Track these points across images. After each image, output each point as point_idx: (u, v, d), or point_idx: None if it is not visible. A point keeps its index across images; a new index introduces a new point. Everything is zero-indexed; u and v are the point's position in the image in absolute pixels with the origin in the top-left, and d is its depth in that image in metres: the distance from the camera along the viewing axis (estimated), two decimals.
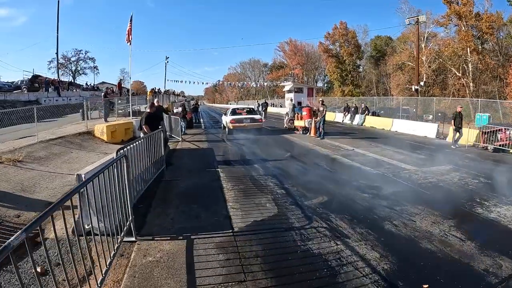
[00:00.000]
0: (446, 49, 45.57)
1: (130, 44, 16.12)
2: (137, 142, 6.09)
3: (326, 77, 63.18)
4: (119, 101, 20.85)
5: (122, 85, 23.47)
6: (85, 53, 56.46)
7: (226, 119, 16.13)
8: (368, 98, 40.84)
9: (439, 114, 27.38)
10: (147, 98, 21.88)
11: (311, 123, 15.57)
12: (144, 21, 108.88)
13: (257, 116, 16.39)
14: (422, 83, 28.14)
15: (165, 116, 14.45)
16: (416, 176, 7.66)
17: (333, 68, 53.19)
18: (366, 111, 24.26)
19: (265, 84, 60.91)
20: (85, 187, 2.98)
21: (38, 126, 11.60)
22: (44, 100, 26.80)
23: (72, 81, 37.73)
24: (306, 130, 16.10)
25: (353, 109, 25.24)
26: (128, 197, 4.03)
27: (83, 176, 3.95)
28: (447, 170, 8.40)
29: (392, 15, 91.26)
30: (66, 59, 54.86)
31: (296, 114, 17.30)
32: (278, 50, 67.42)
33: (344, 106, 26.73)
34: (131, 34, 15.99)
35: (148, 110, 8.55)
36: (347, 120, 25.37)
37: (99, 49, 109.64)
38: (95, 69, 57.79)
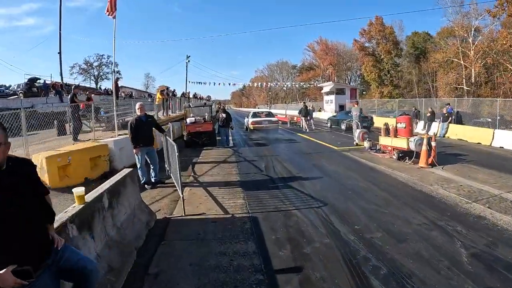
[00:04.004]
0: (504, 42, 36.52)
1: (114, 17, 9.48)
2: None
3: (358, 78, 55.16)
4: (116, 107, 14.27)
5: (120, 85, 17.00)
6: (107, 58, 51.30)
7: (248, 121, 16.84)
8: (408, 100, 33.30)
9: (498, 118, 20.13)
10: (156, 102, 15.22)
11: (420, 144, 8.26)
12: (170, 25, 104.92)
13: (273, 119, 16.42)
14: None
15: (163, 138, 7.53)
16: None
17: (370, 67, 45.25)
18: (450, 118, 16.40)
19: (296, 85, 53.34)
20: None
21: None
22: (42, 107, 20.93)
23: (79, 84, 32.20)
24: (403, 153, 8.84)
25: (428, 115, 17.50)
26: None
27: None
28: None
29: (425, 11, 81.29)
30: (88, 64, 49.95)
31: (383, 128, 9.96)
32: (307, 50, 59.68)
33: (413, 111, 18.93)
34: (114, 4, 9.37)
35: None
36: (419, 130, 17.69)
37: (124, 54, 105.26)
38: (118, 74, 52.52)
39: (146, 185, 6.23)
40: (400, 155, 8.96)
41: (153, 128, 6.34)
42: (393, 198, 5.52)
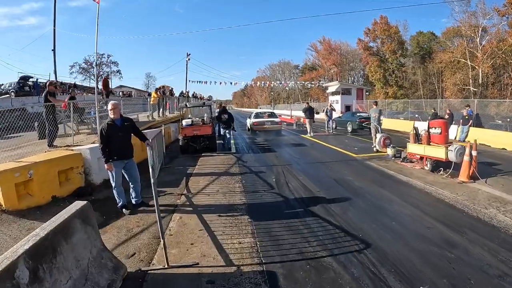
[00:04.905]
0: None
1: (98, 2, 8.00)
2: None
3: (362, 78, 53.57)
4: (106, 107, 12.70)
5: (110, 85, 15.51)
6: (108, 57, 49.78)
7: (250, 121, 16.09)
8: (415, 100, 31.91)
9: (508, 120, 18.86)
10: (151, 102, 13.72)
11: (462, 154, 6.76)
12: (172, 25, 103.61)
13: (276, 119, 15.62)
14: None
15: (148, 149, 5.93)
16: None
17: (375, 67, 43.65)
18: (470, 121, 14.82)
19: (299, 85, 51.66)
20: None
21: None
22: (32, 107, 19.42)
23: (76, 83, 30.69)
24: (435, 163, 7.35)
25: (446, 117, 15.90)
26: None
27: None
28: None
29: (430, 10, 79.05)
30: (88, 63, 48.42)
31: (411, 133, 8.44)
32: (310, 49, 57.79)
33: (432, 113, 17.24)
34: None
35: None
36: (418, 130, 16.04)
37: (126, 54, 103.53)
38: (118, 73, 51.13)
39: (123, 210, 4.74)
40: (434, 166, 7.47)
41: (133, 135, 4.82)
42: (451, 232, 4.04)
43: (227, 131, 11.10)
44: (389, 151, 8.84)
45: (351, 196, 5.28)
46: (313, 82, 47.17)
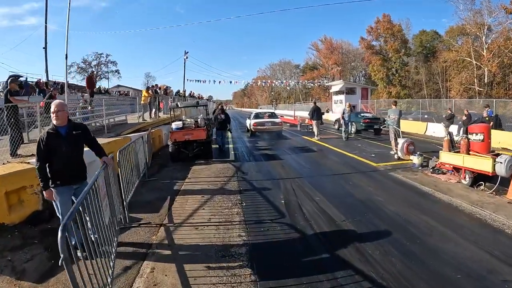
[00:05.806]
0: None
1: None
2: None
3: (364, 77, 52.12)
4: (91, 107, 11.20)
5: (96, 82, 14.08)
6: (106, 57, 48.42)
7: (250, 122, 14.95)
8: (416, 100, 30.61)
9: None
10: (142, 102, 12.31)
11: (510, 165, 5.38)
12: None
13: (277, 120, 14.46)
14: None
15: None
16: None
17: (378, 66, 42.24)
18: (491, 123, 13.21)
19: (300, 85, 50.18)
20: None
21: None
22: (21, 108, 17.98)
23: (70, 82, 29.20)
24: (474, 177, 5.96)
25: (464, 118, 14.39)
26: None
27: None
28: None
29: (431, 9, 77.22)
30: (87, 63, 47.08)
31: (445, 139, 7.07)
32: (311, 48, 56.16)
33: (448, 114, 15.64)
34: None
35: None
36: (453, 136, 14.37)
37: (126, 55, 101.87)
38: (116, 73, 49.73)
39: (78, 252, 3.33)
40: (471, 179, 6.08)
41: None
42: None
43: (222, 132, 10.18)
44: (416, 159, 7.43)
45: (388, 229, 3.87)
46: (314, 82, 45.71)
